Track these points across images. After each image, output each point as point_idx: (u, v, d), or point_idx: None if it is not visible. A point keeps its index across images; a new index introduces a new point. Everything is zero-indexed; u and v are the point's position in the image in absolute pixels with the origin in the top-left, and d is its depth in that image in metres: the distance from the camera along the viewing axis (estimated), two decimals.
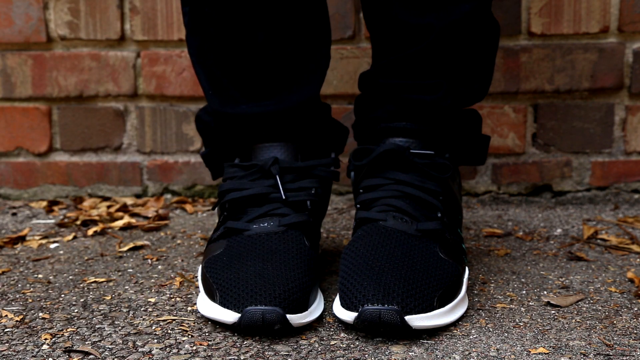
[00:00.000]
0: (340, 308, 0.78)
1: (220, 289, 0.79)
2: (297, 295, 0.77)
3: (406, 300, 0.74)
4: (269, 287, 0.77)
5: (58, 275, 0.96)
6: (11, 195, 1.39)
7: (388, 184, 0.89)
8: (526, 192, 1.34)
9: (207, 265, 0.84)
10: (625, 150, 1.32)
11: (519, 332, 0.77)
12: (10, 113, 1.37)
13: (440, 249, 0.84)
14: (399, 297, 0.74)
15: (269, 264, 0.81)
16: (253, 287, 0.77)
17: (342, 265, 0.82)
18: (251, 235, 0.86)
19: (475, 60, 0.93)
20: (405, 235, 0.84)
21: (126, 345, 0.74)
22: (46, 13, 1.34)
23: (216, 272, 0.82)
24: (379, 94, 0.94)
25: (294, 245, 0.85)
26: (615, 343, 0.74)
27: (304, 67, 0.94)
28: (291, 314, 0.76)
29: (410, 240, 0.84)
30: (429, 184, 0.89)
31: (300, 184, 0.92)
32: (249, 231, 0.87)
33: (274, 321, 0.74)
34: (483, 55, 0.94)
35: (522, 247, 1.07)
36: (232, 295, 0.77)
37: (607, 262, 1.00)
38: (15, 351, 0.73)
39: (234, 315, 0.76)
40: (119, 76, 1.35)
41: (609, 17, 1.28)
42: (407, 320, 0.73)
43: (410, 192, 0.88)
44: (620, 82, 1.30)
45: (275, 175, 0.90)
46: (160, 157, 1.37)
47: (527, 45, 1.30)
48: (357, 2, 1.30)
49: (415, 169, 0.90)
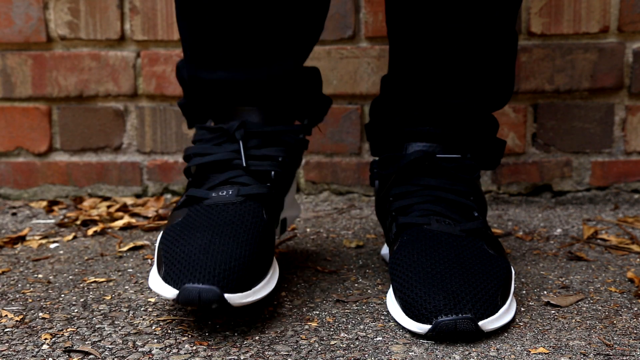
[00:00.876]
0: (406, 319, 0.77)
1: (166, 263, 0.77)
2: (240, 273, 0.74)
3: (476, 306, 0.75)
4: (209, 263, 0.74)
5: (58, 275, 0.96)
6: (11, 195, 1.39)
7: (419, 190, 0.89)
8: (526, 192, 1.34)
9: (163, 236, 0.82)
10: (625, 150, 1.32)
11: (519, 332, 0.77)
12: (10, 113, 1.37)
13: (487, 246, 0.85)
14: (469, 303, 0.75)
15: (217, 237, 0.78)
16: (194, 263, 0.74)
17: (397, 271, 0.81)
18: (210, 205, 0.83)
19: (499, 65, 0.93)
20: (452, 236, 0.84)
21: (126, 345, 0.74)
22: (46, 13, 1.34)
23: (166, 244, 0.79)
24: (402, 97, 0.94)
25: (250, 218, 0.82)
26: (615, 343, 0.74)
27: (293, 36, 0.91)
28: (231, 294, 0.73)
29: (459, 241, 0.84)
30: (459, 186, 0.89)
31: (265, 151, 0.88)
32: (208, 200, 0.84)
33: (210, 300, 0.72)
34: (506, 61, 0.94)
35: (522, 247, 1.07)
36: (174, 270, 0.75)
37: (607, 262, 1.00)
38: (15, 351, 0.73)
39: (172, 291, 0.74)
40: (119, 76, 1.35)
41: (609, 17, 1.28)
42: (481, 326, 0.74)
43: (442, 196, 0.88)
44: (620, 82, 1.30)
45: (239, 140, 0.86)
46: (160, 157, 1.37)
47: (527, 45, 1.30)
48: (357, 2, 1.30)
49: (443, 173, 0.89)
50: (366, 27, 1.31)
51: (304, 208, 1.31)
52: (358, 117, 1.33)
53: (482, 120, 0.95)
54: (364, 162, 1.34)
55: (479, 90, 0.92)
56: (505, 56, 0.94)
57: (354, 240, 1.10)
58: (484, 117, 0.95)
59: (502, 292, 0.79)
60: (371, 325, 0.79)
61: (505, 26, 0.91)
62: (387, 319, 0.81)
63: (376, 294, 0.88)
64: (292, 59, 0.92)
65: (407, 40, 0.92)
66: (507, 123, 1.32)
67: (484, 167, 0.98)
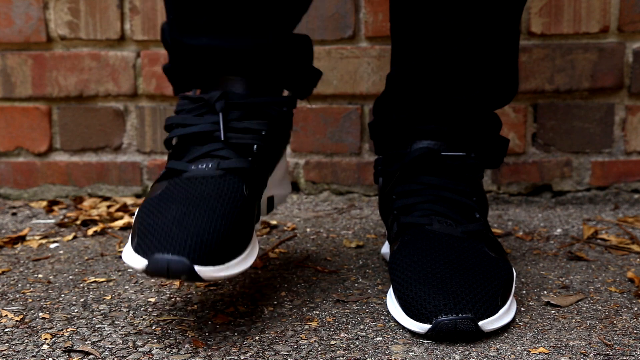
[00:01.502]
0: (406, 318, 0.77)
1: (139, 234, 0.75)
2: (213, 247, 0.72)
3: (476, 306, 0.75)
4: (182, 235, 0.72)
5: (58, 275, 0.96)
6: (11, 195, 1.39)
7: (422, 189, 0.89)
8: (526, 192, 1.34)
9: (140, 208, 0.80)
10: (625, 150, 1.32)
11: (519, 332, 0.77)
12: (10, 113, 1.37)
13: (488, 248, 0.85)
14: (469, 304, 0.75)
15: (192, 210, 0.75)
16: (166, 234, 0.72)
17: (397, 271, 0.81)
18: (189, 178, 0.81)
19: (504, 62, 0.93)
20: (453, 237, 0.84)
21: (126, 345, 0.74)
22: (46, 13, 1.34)
23: (141, 216, 0.77)
24: (407, 95, 0.93)
25: (228, 193, 0.79)
26: (615, 343, 0.74)
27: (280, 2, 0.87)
28: (201, 266, 0.71)
29: (459, 242, 0.84)
30: (462, 186, 0.89)
31: (247, 124, 0.85)
32: (187, 172, 0.82)
33: (179, 271, 0.70)
34: (510, 57, 0.94)
35: (522, 247, 1.07)
36: (146, 241, 0.73)
37: (607, 262, 1.00)
38: (15, 351, 0.73)
39: (142, 261, 0.72)
40: (119, 76, 1.35)
41: (609, 17, 1.28)
42: (481, 326, 0.74)
43: (445, 196, 0.88)
44: (620, 82, 1.30)
45: (219, 112, 0.84)
46: (160, 157, 1.37)
47: (527, 45, 1.30)
48: (357, 2, 1.30)
49: (446, 172, 0.89)
50: (366, 27, 1.31)
51: (304, 208, 1.31)
52: (358, 117, 1.33)
53: (486, 118, 0.95)
54: (364, 162, 1.34)
55: (484, 87, 0.92)
56: (509, 53, 0.93)
57: (354, 240, 1.10)
58: (487, 115, 0.95)
59: (503, 293, 0.79)
60: (371, 325, 0.79)
61: (510, 23, 0.91)
62: (387, 319, 0.81)
63: (376, 294, 0.88)
64: (280, 27, 0.88)
65: (411, 38, 0.92)
66: (507, 123, 1.31)
67: (488, 166, 0.97)
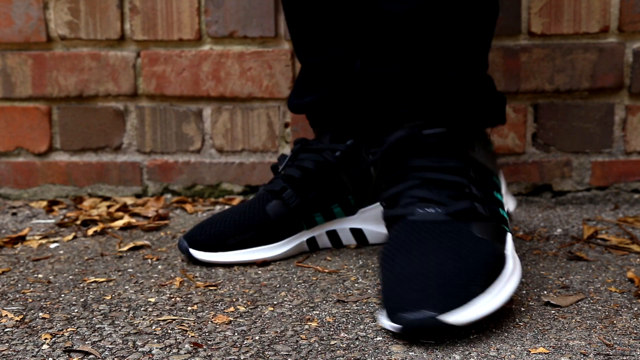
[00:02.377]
0: (385, 319, 0.76)
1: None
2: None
3: (443, 300, 0.72)
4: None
5: (58, 275, 0.96)
6: (11, 195, 1.39)
7: (407, 173, 0.85)
8: (526, 192, 1.34)
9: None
10: (625, 150, 1.32)
11: (519, 332, 0.77)
12: (10, 113, 1.37)
13: (476, 228, 0.81)
14: (434, 299, 0.72)
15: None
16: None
17: (381, 271, 0.80)
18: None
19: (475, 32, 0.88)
20: (435, 224, 0.81)
21: (126, 345, 0.74)
22: (46, 13, 1.34)
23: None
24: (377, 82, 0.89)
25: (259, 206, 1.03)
26: (615, 343, 0.74)
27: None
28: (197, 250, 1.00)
29: (442, 228, 0.80)
30: (448, 162, 0.85)
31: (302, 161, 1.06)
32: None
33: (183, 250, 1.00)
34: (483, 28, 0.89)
35: (522, 247, 1.07)
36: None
37: (607, 262, 1.00)
38: (15, 351, 0.73)
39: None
40: (119, 76, 1.35)
41: (609, 17, 1.28)
42: (449, 320, 0.71)
43: (429, 177, 0.84)
44: (620, 82, 1.30)
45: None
46: (160, 157, 1.37)
47: (527, 45, 1.30)
48: None
49: (430, 151, 0.85)
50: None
51: None
52: None
53: (471, 82, 0.89)
54: None
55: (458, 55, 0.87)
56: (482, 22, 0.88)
57: None
58: (472, 79, 0.90)
59: (484, 279, 0.75)
60: (371, 325, 0.79)
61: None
62: None
63: (376, 294, 0.88)
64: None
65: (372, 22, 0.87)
66: (507, 123, 1.32)
67: (492, 125, 0.93)
